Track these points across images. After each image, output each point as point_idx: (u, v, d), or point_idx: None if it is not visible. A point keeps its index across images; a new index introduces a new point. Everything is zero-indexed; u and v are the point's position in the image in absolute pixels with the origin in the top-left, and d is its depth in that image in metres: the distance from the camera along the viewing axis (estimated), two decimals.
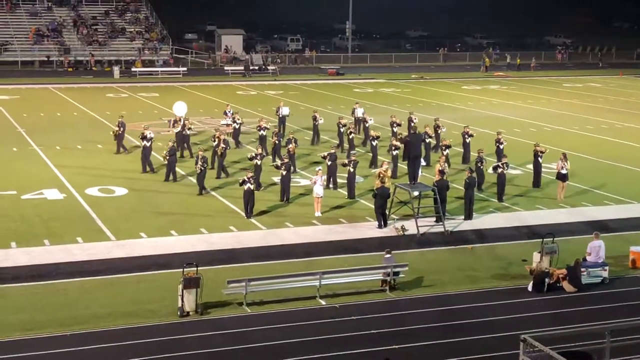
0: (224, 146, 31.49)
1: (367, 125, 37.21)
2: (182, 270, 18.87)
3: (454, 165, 32.69)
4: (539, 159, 30.48)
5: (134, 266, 21.85)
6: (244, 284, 19.18)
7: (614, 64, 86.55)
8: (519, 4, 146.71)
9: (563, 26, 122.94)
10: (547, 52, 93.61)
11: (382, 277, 20.55)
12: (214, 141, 32.16)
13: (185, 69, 73.10)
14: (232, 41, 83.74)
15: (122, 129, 35.74)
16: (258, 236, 24.67)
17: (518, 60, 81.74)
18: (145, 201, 28.26)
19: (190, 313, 18.61)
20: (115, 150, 35.66)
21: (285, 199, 28.03)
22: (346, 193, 28.95)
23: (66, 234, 24.31)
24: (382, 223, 25.47)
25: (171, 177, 30.73)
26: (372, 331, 17.98)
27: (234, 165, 33.19)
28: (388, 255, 20.82)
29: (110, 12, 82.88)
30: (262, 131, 35.69)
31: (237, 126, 37.89)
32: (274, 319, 18.62)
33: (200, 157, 28.98)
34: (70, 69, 71.65)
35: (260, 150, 30.30)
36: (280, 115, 40.55)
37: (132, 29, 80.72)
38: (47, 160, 34.40)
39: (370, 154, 34.20)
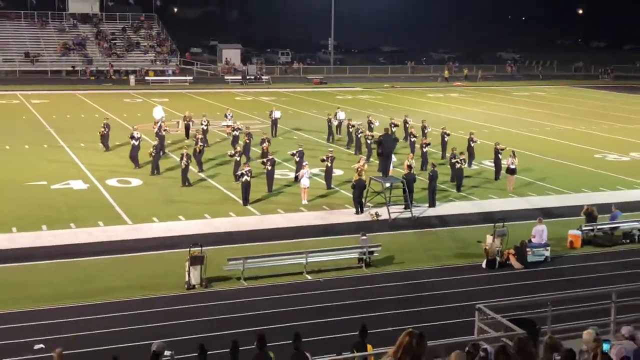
0: (202, 144, 31.38)
1: (372, 126, 36.96)
2: (188, 249, 18.91)
3: (432, 161, 32.23)
4: (499, 155, 30.58)
5: (148, 246, 21.82)
6: (241, 261, 19.22)
7: (555, 75, 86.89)
8: (476, 23, 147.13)
9: (514, 43, 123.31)
10: (499, 65, 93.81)
11: (358, 256, 20.64)
12: (195, 140, 32.00)
13: (191, 78, 72.86)
14: (232, 54, 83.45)
15: (107, 129, 35.26)
16: (253, 221, 24.68)
17: (465, 71, 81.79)
18: (157, 191, 28.19)
19: (196, 286, 18.64)
20: (104, 149, 35.06)
21: (269, 189, 27.84)
22: (325, 184, 28.85)
23: (89, 218, 24.25)
24: (359, 210, 25.53)
25: (155, 172, 30.43)
26: (351, 301, 18.07)
27: (211, 162, 32.91)
28: (364, 237, 20.90)
29: (127, 28, 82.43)
30: (235, 132, 35.31)
31: (205, 127, 36.72)
32: (267, 291, 18.67)
33: (184, 154, 28.83)
34: (92, 77, 71.32)
35: (238, 149, 30.21)
36: (273, 118, 40.54)
37: (146, 43, 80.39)
38: (73, 155, 34.25)
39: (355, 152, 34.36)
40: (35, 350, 14.94)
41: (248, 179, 25.97)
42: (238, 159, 29.28)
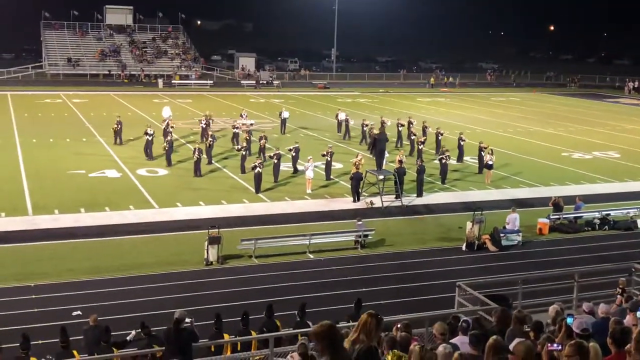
0: (211, 140, 31.18)
1: (384, 126, 36.50)
2: (207, 230, 18.93)
3: (426, 156, 32.07)
4: (482, 152, 30.48)
5: (172, 227, 21.85)
6: (253, 241, 19.24)
7: (529, 83, 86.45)
8: (461, 37, 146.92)
9: (492, 54, 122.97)
10: (479, 74, 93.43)
11: (355, 238, 20.64)
12: (204, 136, 31.67)
13: (212, 82, 72.58)
14: (247, 62, 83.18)
15: (119, 126, 34.92)
16: (264, 207, 24.67)
17: (445, 79, 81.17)
18: (181, 180, 28.16)
19: (213, 263, 18.68)
20: (114, 142, 34.71)
21: (275, 180, 27.66)
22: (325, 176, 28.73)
23: (122, 203, 24.26)
24: (356, 198, 25.50)
25: (168, 163, 30.22)
26: (348, 278, 18.08)
27: (222, 155, 32.71)
28: (360, 222, 20.89)
29: (156, 38, 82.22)
30: (235, 129, 34.82)
31: (204, 126, 35.82)
32: (275, 268, 18.70)
33: (197, 148, 28.74)
34: (126, 81, 71.13)
35: (245, 144, 30.01)
36: (282, 118, 40.40)
37: (173, 51, 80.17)
38: (108, 148, 34.22)
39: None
40: (73, 316, 14.98)
41: (260, 170, 25.96)
42: (244, 153, 29.32)
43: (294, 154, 29.43)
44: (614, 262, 18.80)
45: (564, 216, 23.69)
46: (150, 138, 31.74)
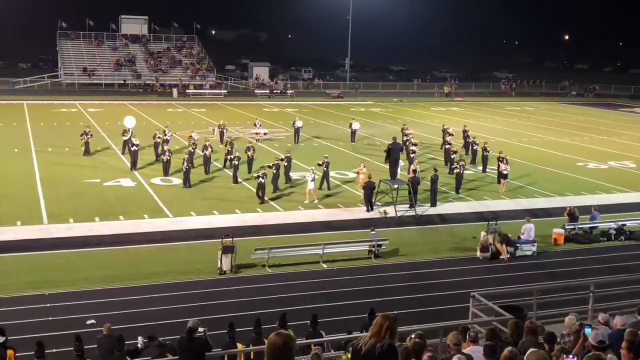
0: (211, 150, 31.10)
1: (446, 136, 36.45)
2: (221, 240, 18.96)
3: (435, 166, 31.95)
4: (500, 162, 30.32)
5: (186, 236, 21.93)
6: (266, 251, 19.26)
7: (543, 93, 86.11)
8: (475, 46, 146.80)
9: (507, 64, 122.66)
10: (494, 84, 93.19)
11: (368, 248, 20.61)
12: (204, 146, 31.43)
13: (225, 91, 72.95)
14: (261, 71, 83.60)
15: (87, 137, 34.66)
16: (277, 216, 24.70)
17: (446, 89, 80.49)
18: (194, 189, 28.24)
19: (227, 272, 18.70)
20: (83, 154, 34.30)
21: (274, 190, 27.47)
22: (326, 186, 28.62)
23: (136, 211, 24.40)
24: (370, 208, 25.48)
25: (165, 174, 30.03)
26: (361, 287, 18.04)
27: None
28: (373, 232, 20.86)
29: (171, 48, 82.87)
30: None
31: (168, 138, 34.86)
32: (288, 277, 18.70)
33: (185, 159, 28.69)
34: (140, 90, 71.66)
35: (238, 154, 29.79)
36: (296, 127, 40.49)
37: (187, 61, 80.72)
38: (123, 157, 34.41)
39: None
40: (87, 324, 15.05)
41: (263, 180, 25.99)
42: (237, 163, 29.27)
43: (286, 164, 29.19)
44: (630, 272, 18.61)
45: (580, 226, 23.54)
46: (136, 148, 31.58)
